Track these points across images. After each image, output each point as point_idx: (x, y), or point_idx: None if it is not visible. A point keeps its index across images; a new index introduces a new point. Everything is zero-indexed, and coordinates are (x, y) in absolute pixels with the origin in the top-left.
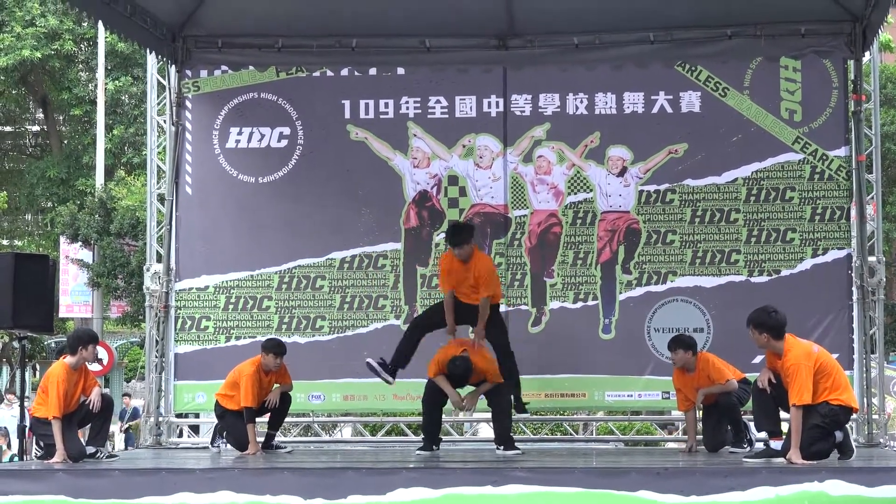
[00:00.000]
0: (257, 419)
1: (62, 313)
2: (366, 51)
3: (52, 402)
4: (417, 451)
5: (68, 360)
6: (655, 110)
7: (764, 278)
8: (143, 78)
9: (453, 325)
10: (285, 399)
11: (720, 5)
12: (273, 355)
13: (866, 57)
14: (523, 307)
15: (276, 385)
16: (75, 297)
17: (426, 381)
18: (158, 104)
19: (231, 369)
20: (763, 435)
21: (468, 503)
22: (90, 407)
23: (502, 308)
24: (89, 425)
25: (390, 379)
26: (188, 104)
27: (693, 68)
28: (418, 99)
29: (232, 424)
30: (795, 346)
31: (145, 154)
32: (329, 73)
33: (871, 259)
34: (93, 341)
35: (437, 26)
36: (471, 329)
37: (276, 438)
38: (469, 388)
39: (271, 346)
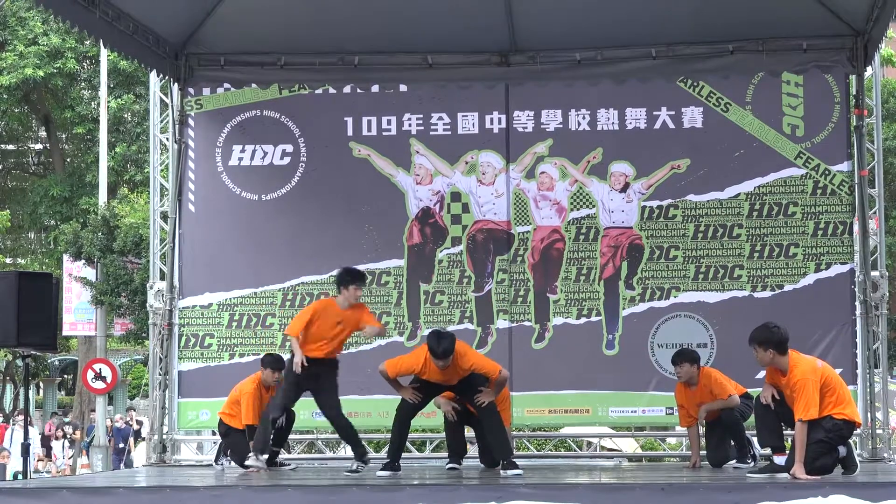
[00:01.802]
0: None
1: (65, 331)
2: (368, 68)
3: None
4: (379, 472)
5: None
6: (658, 126)
7: (767, 293)
8: (145, 96)
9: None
10: (289, 416)
11: (722, 21)
12: (271, 370)
13: (868, 71)
14: (526, 323)
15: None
16: (79, 314)
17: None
18: (161, 122)
19: (234, 387)
20: (766, 450)
21: None
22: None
23: (505, 324)
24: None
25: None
26: (191, 122)
27: (695, 84)
28: (421, 115)
29: (235, 442)
30: (801, 362)
31: (148, 172)
32: (331, 90)
33: (874, 274)
34: (270, 366)
35: (440, 43)
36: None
37: (280, 456)
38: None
39: (269, 362)
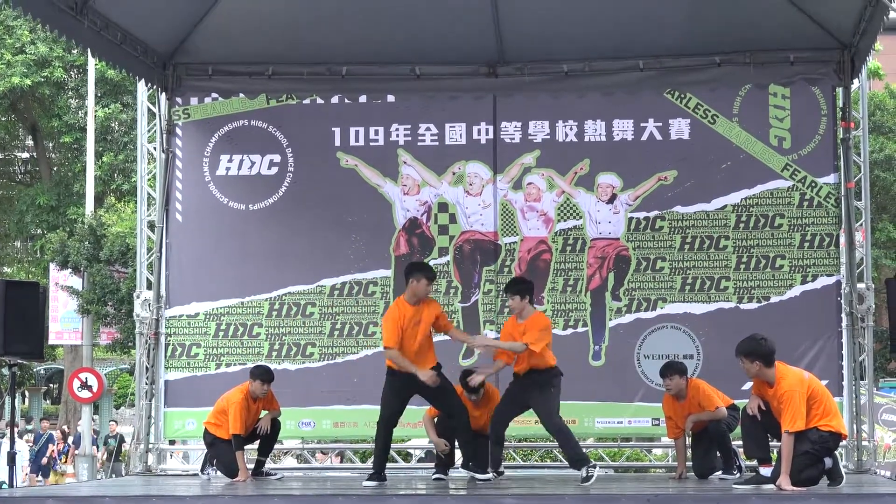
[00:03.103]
0: (247, 446)
1: (52, 340)
2: (356, 78)
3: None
4: (365, 482)
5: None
6: (645, 137)
7: (753, 305)
8: (133, 105)
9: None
10: (275, 425)
11: (709, 33)
12: (261, 382)
13: (855, 84)
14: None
15: (264, 412)
16: (65, 323)
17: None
18: (149, 131)
19: (221, 396)
20: (752, 461)
21: None
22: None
23: (493, 335)
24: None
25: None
26: (178, 131)
27: (682, 95)
28: (408, 126)
29: (221, 452)
30: (788, 374)
31: (135, 181)
32: (319, 100)
33: (861, 286)
34: (259, 377)
35: (428, 54)
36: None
37: (266, 465)
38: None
39: (259, 374)
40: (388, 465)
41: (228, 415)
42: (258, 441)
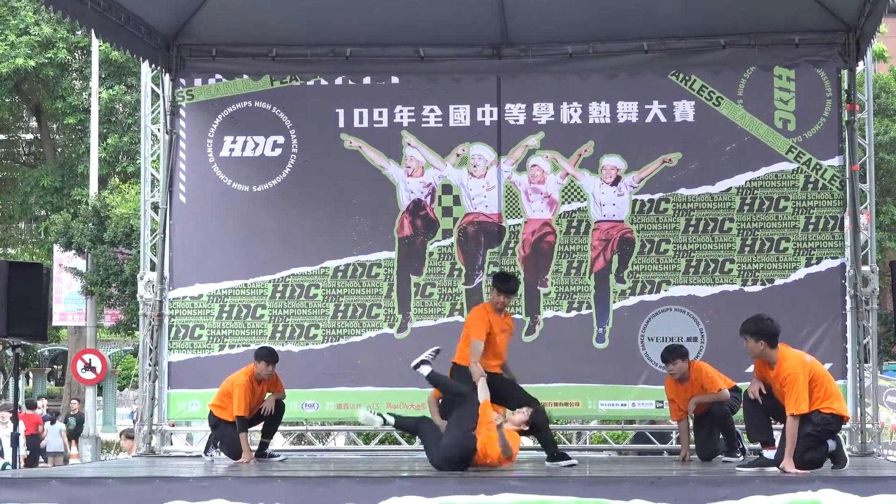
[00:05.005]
0: (251, 429)
1: (55, 322)
2: (360, 60)
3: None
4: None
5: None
6: (649, 119)
7: (758, 287)
8: (137, 86)
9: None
10: (279, 407)
11: (714, 15)
12: (265, 363)
13: (860, 66)
14: (517, 316)
15: (269, 394)
16: (69, 305)
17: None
18: (152, 113)
19: (225, 378)
20: (756, 444)
21: None
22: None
23: None
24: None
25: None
26: (182, 113)
27: (687, 77)
28: (412, 108)
29: (225, 434)
30: (791, 356)
31: (139, 163)
32: (323, 81)
33: (865, 268)
34: (264, 359)
35: (432, 36)
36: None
37: (270, 447)
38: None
39: (263, 355)
40: (392, 447)
41: (233, 397)
42: (262, 423)
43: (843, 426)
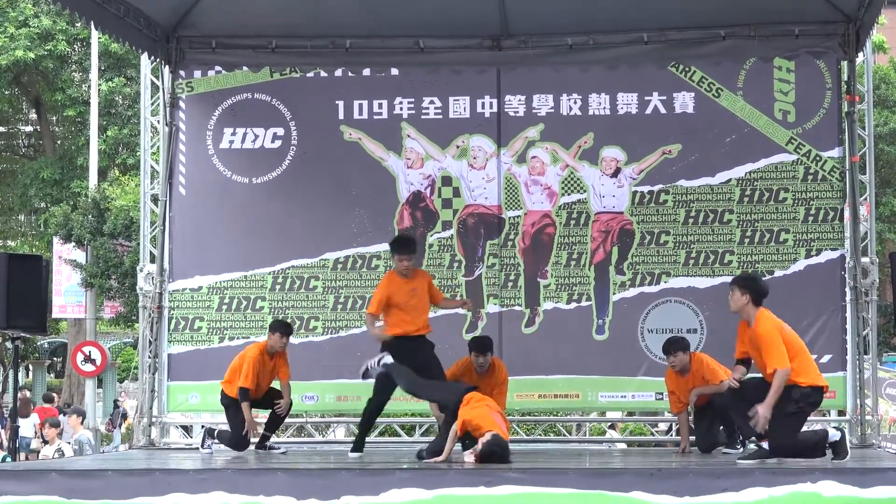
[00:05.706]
0: (258, 420)
1: (55, 314)
2: (360, 51)
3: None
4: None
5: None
6: (649, 111)
7: None
8: (136, 79)
9: None
10: (286, 408)
11: (714, 6)
12: (280, 335)
13: (859, 58)
14: (517, 308)
15: (274, 386)
16: (68, 297)
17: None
18: (152, 105)
19: (225, 370)
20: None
21: None
22: (277, 411)
23: (496, 308)
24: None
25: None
26: (182, 105)
27: (687, 69)
28: (412, 99)
29: (234, 414)
30: (768, 317)
31: (139, 155)
32: (323, 73)
33: (865, 260)
34: (279, 330)
35: (431, 27)
36: None
37: (270, 439)
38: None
39: (278, 326)
40: (392, 439)
41: (241, 369)
42: (266, 412)
43: (843, 418)
